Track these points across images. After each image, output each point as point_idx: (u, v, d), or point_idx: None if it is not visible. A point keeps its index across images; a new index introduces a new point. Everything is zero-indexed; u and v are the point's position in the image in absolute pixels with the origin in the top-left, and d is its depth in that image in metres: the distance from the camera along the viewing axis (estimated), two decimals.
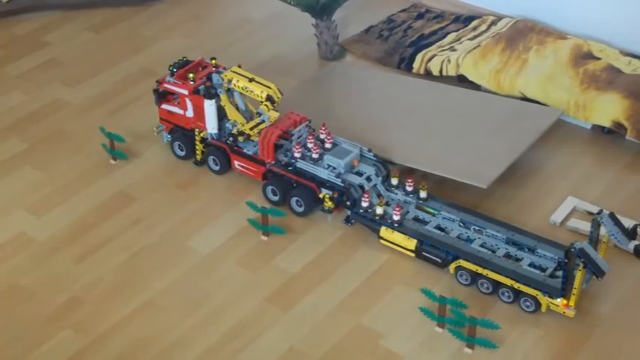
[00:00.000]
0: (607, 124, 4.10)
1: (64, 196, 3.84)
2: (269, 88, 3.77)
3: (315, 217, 3.70)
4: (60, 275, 3.46)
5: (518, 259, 3.33)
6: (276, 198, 3.73)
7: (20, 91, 4.50)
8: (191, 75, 3.87)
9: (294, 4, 4.65)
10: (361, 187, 3.59)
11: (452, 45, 4.67)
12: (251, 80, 3.82)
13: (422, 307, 3.24)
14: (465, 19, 4.93)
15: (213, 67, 4.00)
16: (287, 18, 5.07)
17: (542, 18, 4.79)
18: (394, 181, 3.67)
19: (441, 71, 4.52)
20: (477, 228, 3.47)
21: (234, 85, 3.82)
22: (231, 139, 3.76)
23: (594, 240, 3.20)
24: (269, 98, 3.73)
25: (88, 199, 3.83)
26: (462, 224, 3.50)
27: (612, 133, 4.13)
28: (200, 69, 4.02)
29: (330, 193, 3.62)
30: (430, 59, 4.57)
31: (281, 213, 3.60)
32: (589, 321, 3.25)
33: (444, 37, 4.78)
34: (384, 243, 3.51)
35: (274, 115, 3.75)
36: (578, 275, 3.10)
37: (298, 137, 3.79)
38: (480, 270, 3.28)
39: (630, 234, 3.22)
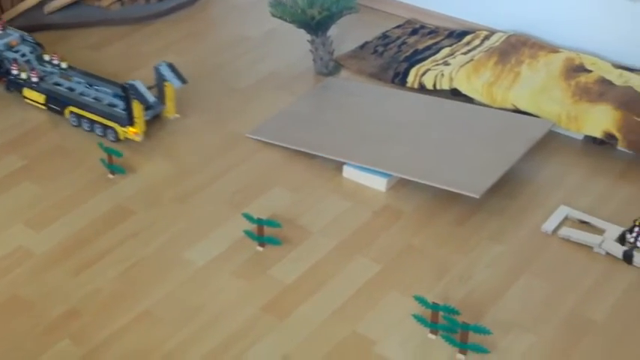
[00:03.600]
0: (598, 135, 4.15)
1: (63, 211, 3.89)
2: None
3: (310, 229, 3.75)
4: (58, 287, 3.51)
5: (112, 105, 4.36)
6: None
7: (19, 108, 4.57)
8: None
9: (290, 21, 4.72)
10: (14, 59, 4.61)
11: (445, 59, 4.74)
12: None
13: (415, 314, 3.27)
14: (458, 35, 5.00)
15: None
16: (283, 35, 5.15)
17: (535, 32, 4.87)
18: (46, 57, 4.71)
19: (434, 85, 4.58)
20: (95, 87, 4.52)
21: None
22: None
23: None
24: None
25: (86, 213, 3.88)
26: (87, 85, 4.51)
27: (604, 144, 4.18)
28: None
29: None
30: (424, 74, 4.64)
31: (277, 224, 3.65)
32: (581, 327, 3.28)
33: (438, 51, 4.85)
34: (27, 102, 4.56)
35: None
36: (135, 106, 4.11)
37: None
38: (81, 112, 4.34)
39: (620, 240, 3.26)
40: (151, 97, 4.24)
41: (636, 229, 3.16)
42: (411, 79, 4.66)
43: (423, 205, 3.88)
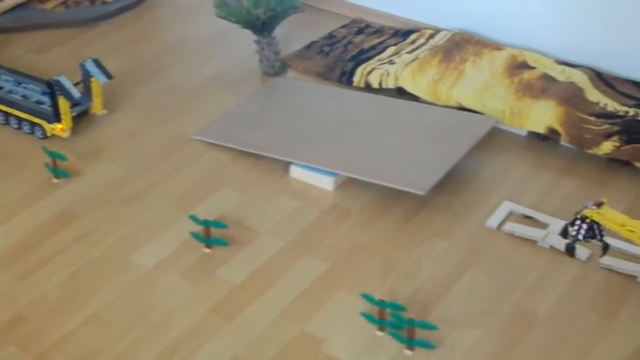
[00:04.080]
0: (542, 130, 4.21)
1: (7, 216, 3.85)
2: None
3: (258, 230, 3.75)
4: (3, 293, 3.47)
5: (40, 103, 4.36)
6: None
7: None
8: None
9: (235, 21, 4.71)
10: None
11: (391, 58, 4.77)
12: None
13: (363, 312, 3.30)
14: (403, 33, 5.04)
15: None
16: (229, 36, 5.15)
17: (479, 30, 4.92)
18: None
19: (380, 84, 4.61)
20: (24, 85, 4.53)
21: None
22: None
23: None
24: None
25: (30, 218, 3.84)
26: (16, 84, 4.52)
27: (547, 139, 4.24)
28: None
29: None
30: (370, 72, 4.66)
31: (223, 225, 3.64)
32: (526, 320, 3.33)
33: (384, 50, 4.88)
34: None
35: None
36: (61, 102, 4.15)
37: None
38: (9, 110, 4.36)
39: (562, 234, 3.31)
40: (76, 93, 4.25)
41: (577, 222, 3.21)
42: (357, 78, 4.68)
43: (371, 203, 3.91)
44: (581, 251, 3.56)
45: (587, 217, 3.13)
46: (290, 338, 3.26)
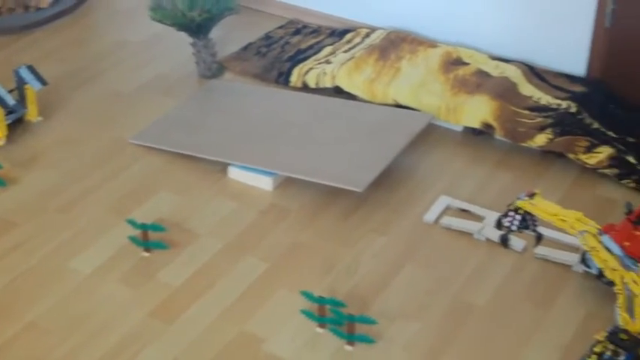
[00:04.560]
0: (477, 125, 4.27)
1: None
2: None
3: (197, 232, 3.75)
4: None
5: None
6: None
7: None
8: None
9: (171, 24, 4.70)
10: None
11: (327, 58, 4.79)
12: None
13: (303, 310, 3.31)
14: (339, 33, 5.07)
15: None
16: (165, 39, 5.13)
17: (414, 28, 4.97)
18: None
19: (317, 84, 4.63)
20: None
21: None
22: None
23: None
24: None
25: None
26: None
27: (482, 133, 4.30)
28: None
29: None
30: (307, 72, 4.68)
31: (161, 228, 3.64)
32: (464, 312, 3.38)
33: (320, 50, 4.90)
34: None
35: None
36: None
37: None
38: None
39: (497, 225, 3.36)
40: (10, 100, 4.24)
41: (510, 213, 3.26)
42: (294, 78, 4.70)
43: (309, 202, 3.93)
44: (517, 242, 3.62)
45: (519, 208, 3.18)
46: (230, 339, 3.27)
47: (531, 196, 3.14)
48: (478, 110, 4.26)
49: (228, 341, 3.26)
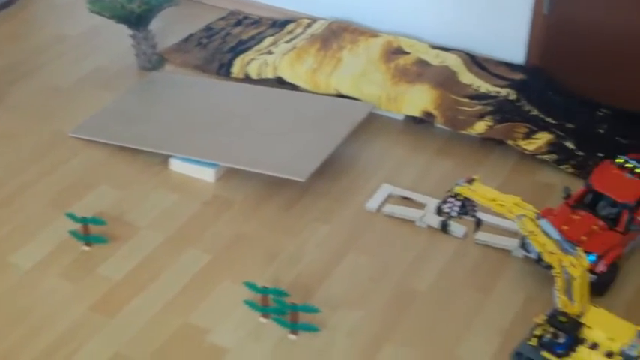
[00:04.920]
0: (417, 114, 4.29)
1: None
2: None
3: (138, 225, 3.72)
4: None
5: None
6: None
7: None
8: None
9: (110, 16, 4.64)
10: None
11: (269, 49, 4.78)
12: None
13: (246, 300, 3.31)
14: (281, 24, 5.06)
15: None
16: (105, 31, 5.07)
17: (355, 19, 4.98)
18: None
19: (259, 74, 4.62)
20: None
21: None
22: None
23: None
24: None
25: None
26: None
27: (423, 122, 4.33)
28: None
29: None
30: (248, 63, 4.67)
31: (101, 222, 3.60)
32: (407, 298, 3.40)
33: (262, 41, 4.89)
34: None
35: None
36: None
37: None
38: None
39: (437, 212, 3.38)
40: None
41: (450, 200, 3.28)
42: (235, 69, 4.68)
43: (253, 193, 3.92)
44: (458, 229, 3.66)
45: (459, 195, 3.21)
46: (173, 331, 3.25)
47: (470, 182, 3.16)
48: (419, 99, 4.29)
49: (172, 333, 3.24)
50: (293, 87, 4.55)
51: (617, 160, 3.67)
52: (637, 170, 3.62)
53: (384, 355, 3.17)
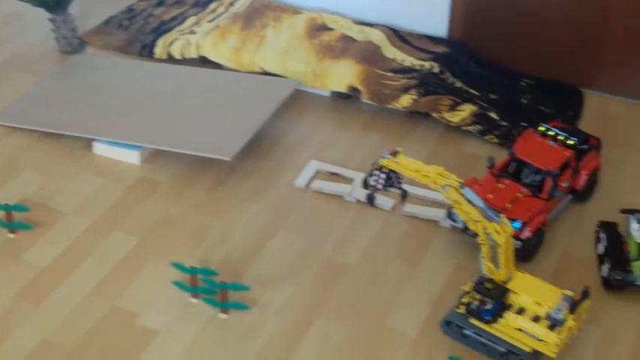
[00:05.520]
0: (343, 89, 4.29)
1: None
2: None
3: (63, 210, 3.66)
4: None
5: None
6: None
7: None
8: None
9: (26, 0, 4.55)
10: None
11: (192, 28, 4.73)
12: None
13: (175, 281, 3.28)
14: (203, 3, 5.00)
15: None
16: (23, 16, 4.96)
17: None
18: None
19: (182, 54, 4.57)
20: None
21: None
22: None
23: None
24: None
25: None
26: None
27: (349, 97, 4.34)
28: None
29: None
30: (171, 44, 4.62)
31: (24, 208, 3.53)
32: (337, 272, 3.41)
33: (184, 21, 4.83)
34: None
35: None
36: None
37: None
38: None
39: (363, 185, 3.40)
40: None
41: (375, 172, 3.29)
42: (158, 50, 4.62)
43: (179, 173, 3.88)
44: (386, 202, 3.68)
45: (383, 167, 3.22)
46: (103, 315, 3.21)
47: (394, 154, 3.18)
48: (344, 75, 4.29)
49: (101, 318, 3.20)
50: (217, 66, 4.51)
51: (539, 128, 3.73)
52: (559, 137, 3.68)
53: (315, 330, 3.18)
